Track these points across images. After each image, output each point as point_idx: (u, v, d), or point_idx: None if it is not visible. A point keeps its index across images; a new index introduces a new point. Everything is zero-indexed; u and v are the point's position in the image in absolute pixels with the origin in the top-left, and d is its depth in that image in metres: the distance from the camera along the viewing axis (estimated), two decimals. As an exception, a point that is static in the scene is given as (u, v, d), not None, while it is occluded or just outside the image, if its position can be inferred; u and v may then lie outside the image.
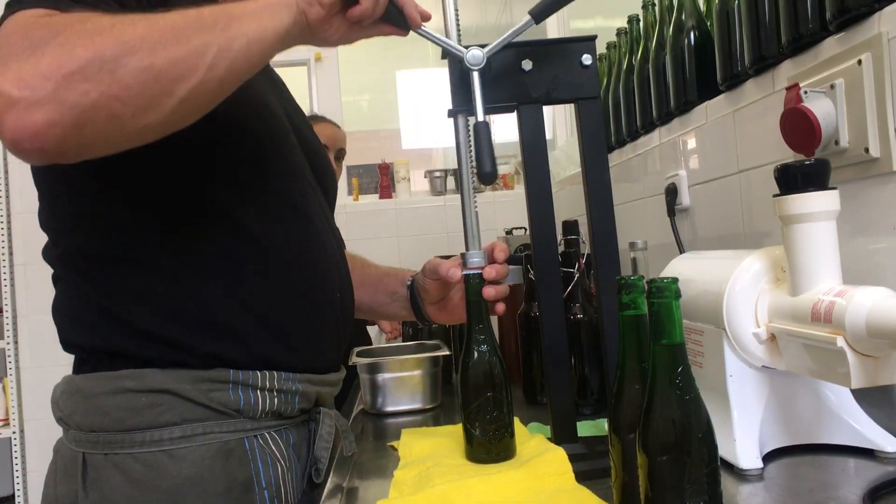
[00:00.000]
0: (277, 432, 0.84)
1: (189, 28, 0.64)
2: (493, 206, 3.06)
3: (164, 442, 0.76)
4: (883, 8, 0.79)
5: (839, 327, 0.58)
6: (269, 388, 0.82)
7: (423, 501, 0.69)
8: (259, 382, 0.81)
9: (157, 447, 0.76)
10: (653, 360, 0.51)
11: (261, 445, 0.81)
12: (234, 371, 0.79)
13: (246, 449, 0.80)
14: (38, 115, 0.59)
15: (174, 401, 0.77)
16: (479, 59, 0.78)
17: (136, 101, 0.62)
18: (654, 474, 0.50)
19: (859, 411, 0.73)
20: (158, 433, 0.76)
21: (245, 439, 0.80)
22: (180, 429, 0.77)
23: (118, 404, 0.77)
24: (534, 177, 0.82)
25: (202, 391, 0.78)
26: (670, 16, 1.30)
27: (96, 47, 0.60)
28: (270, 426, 0.83)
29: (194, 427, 0.77)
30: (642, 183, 1.57)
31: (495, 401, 0.77)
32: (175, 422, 0.77)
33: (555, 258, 0.82)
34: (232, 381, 0.79)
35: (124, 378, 0.77)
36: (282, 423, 0.85)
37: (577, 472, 0.71)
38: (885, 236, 0.81)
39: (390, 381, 1.15)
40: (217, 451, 0.78)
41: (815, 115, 0.84)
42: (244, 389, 0.80)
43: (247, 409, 0.80)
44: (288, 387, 0.83)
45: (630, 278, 0.57)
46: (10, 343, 2.70)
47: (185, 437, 0.77)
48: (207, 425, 0.78)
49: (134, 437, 0.76)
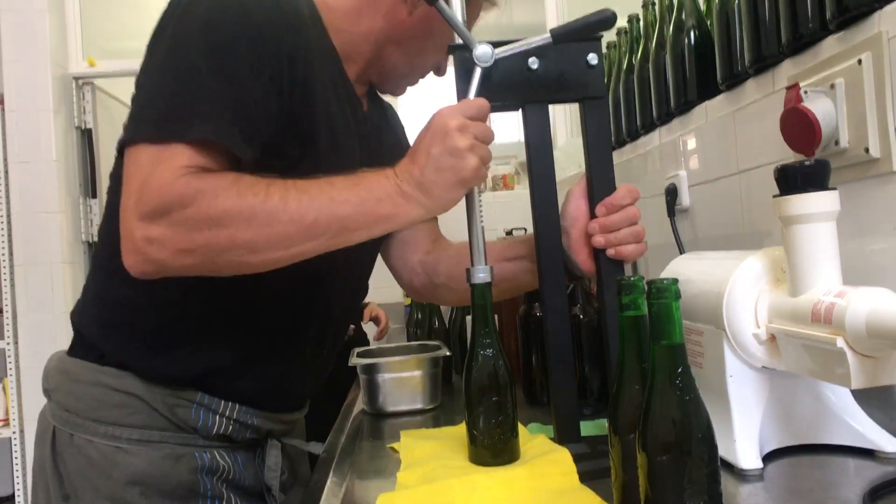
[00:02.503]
0: (226, 451, 0.92)
1: (331, 231, 0.72)
2: (493, 207, 3.06)
3: (121, 440, 0.85)
4: (883, 7, 0.79)
5: (839, 328, 0.58)
6: (228, 416, 0.90)
7: (426, 494, 0.69)
8: (221, 409, 0.89)
9: (115, 443, 0.84)
10: (653, 361, 0.51)
11: (210, 458, 0.89)
12: (201, 394, 0.88)
13: (195, 457, 0.88)
14: (150, 267, 0.71)
15: (142, 406, 0.85)
16: (488, 57, 0.77)
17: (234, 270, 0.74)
18: (653, 474, 0.50)
19: (859, 411, 0.73)
20: (119, 431, 0.85)
21: (195, 452, 0.88)
22: (139, 432, 0.85)
23: (94, 395, 0.85)
24: (539, 177, 0.82)
25: (168, 405, 0.86)
26: (670, 15, 1.30)
27: (210, 236, 0.69)
28: (220, 446, 0.91)
29: (152, 434, 0.86)
30: (642, 183, 1.57)
31: (500, 405, 0.77)
32: (136, 425, 0.85)
33: (559, 259, 0.82)
34: (197, 402, 0.88)
35: (106, 374, 0.86)
36: (231, 445, 0.93)
37: (581, 471, 0.71)
38: (886, 237, 0.81)
39: (390, 382, 1.15)
40: (168, 454, 0.86)
41: (815, 115, 0.84)
42: (206, 412, 0.88)
43: (203, 429, 0.88)
44: (245, 419, 0.92)
45: (630, 279, 0.57)
46: (11, 343, 2.70)
47: (142, 441, 0.85)
48: (164, 435, 0.86)
49: (98, 427, 0.85)
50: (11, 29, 2.67)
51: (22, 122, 2.67)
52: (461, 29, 0.78)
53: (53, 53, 2.70)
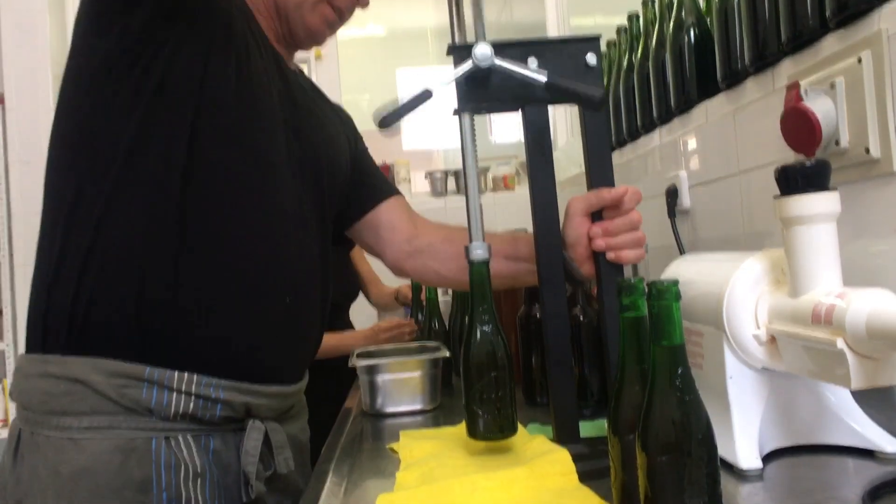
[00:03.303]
0: (195, 436, 0.81)
1: None
2: (494, 207, 3.06)
3: (73, 430, 0.77)
4: (883, 5, 0.79)
5: (839, 329, 0.58)
6: (186, 391, 0.79)
7: (426, 494, 0.69)
8: (175, 384, 0.78)
9: (67, 434, 0.77)
10: (653, 362, 0.51)
11: (168, 447, 0.79)
12: (150, 369, 0.78)
13: (150, 449, 0.78)
14: None
15: (86, 391, 0.78)
16: (487, 57, 0.77)
17: None
18: (653, 475, 0.50)
19: (859, 412, 0.72)
20: (69, 420, 0.78)
21: (153, 439, 0.78)
22: (88, 419, 0.77)
23: (42, 387, 0.79)
24: (538, 178, 0.82)
25: (114, 386, 0.77)
26: (670, 13, 1.30)
27: None
28: (187, 429, 0.80)
29: (101, 420, 0.77)
30: (642, 184, 1.57)
31: (499, 380, 0.77)
32: (84, 411, 0.78)
33: (559, 260, 0.82)
34: (147, 379, 0.78)
35: (49, 363, 0.80)
36: (201, 427, 0.82)
37: (580, 472, 0.71)
38: (886, 238, 0.81)
39: (390, 383, 1.15)
40: (118, 446, 0.77)
41: (816, 115, 0.84)
42: (159, 389, 0.78)
43: (158, 410, 0.78)
44: (208, 393, 0.80)
45: (630, 281, 0.57)
46: (10, 344, 2.70)
47: (91, 428, 0.77)
48: (115, 419, 0.78)
49: (50, 420, 0.78)
50: (11, 29, 2.67)
51: (22, 122, 2.67)
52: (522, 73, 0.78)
53: (53, 53, 2.70)
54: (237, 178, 0.84)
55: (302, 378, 0.97)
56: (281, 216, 0.87)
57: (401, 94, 0.78)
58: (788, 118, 0.87)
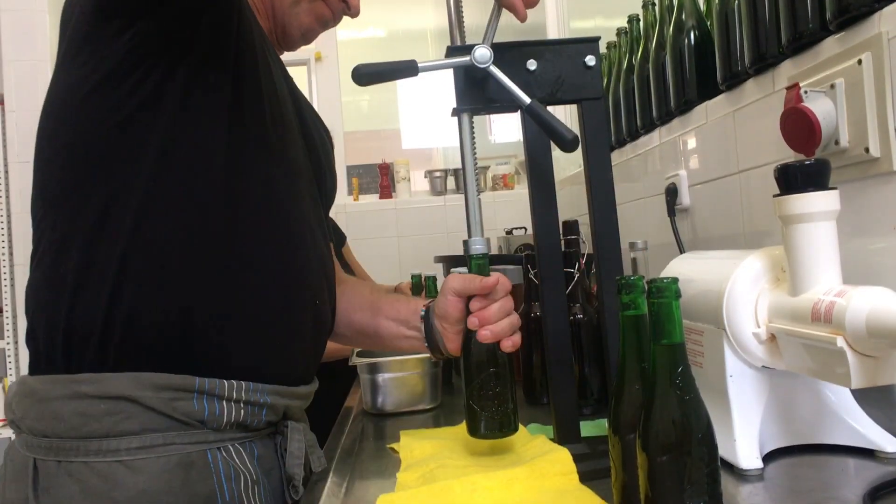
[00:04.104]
0: (242, 444, 0.80)
1: None
2: (494, 207, 3.06)
3: (121, 452, 0.73)
4: (883, 7, 0.79)
5: (839, 327, 0.58)
6: (237, 399, 0.78)
7: (426, 495, 0.69)
8: (226, 393, 0.77)
9: (114, 457, 0.72)
10: (653, 360, 0.51)
11: (224, 458, 0.77)
12: (199, 379, 0.76)
13: (209, 461, 0.76)
14: None
15: (134, 409, 0.73)
16: (486, 59, 0.78)
17: None
18: (654, 474, 0.50)
19: (859, 411, 0.73)
20: (116, 442, 0.72)
21: (207, 451, 0.76)
22: (139, 439, 0.73)
23: (74, 410, 0.73)
24: (537, 177, 0.82)
25: (164, 400, 0.74)
26: (670, 15, 1.30)
27: None
28: (235, 438, 0.79)
29: (154, 437, 0.74)
30: (642, 183, 1.57)
31: (498, 377, 0.77)
32: (134, 431, 0.73)
33: (558, 259, 0.82)
34: (197, 391, 0.75)
35: (82, 382, 0.73)
36: (247, 435, 0.81)
37: (581, 471, 0.71)
38: (886, 236, 0.81)
39: (390, 382, 1.15)
40: (177, 463, 0.74)
41: (816, 115, 0.84)
42: (209, 399, 0.76)
43: (211, 420, 0.76)
44: (256, 398, 0.80)
45: (630, 278, 0.57)
46: (10, 343, 2.70)
47: (143, 448, 0.73)
48: (168, 436, 0.74)
49: (89, 445, 0.72)
50: (11, 29, 2.67)
51: (22, 122, 2.67)
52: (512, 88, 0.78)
53: (53, 54, 2.70)
54: (271, 187, 0.83)
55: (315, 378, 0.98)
56: (305, 222, 0.88)
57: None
58: (788, 118, 0.88)
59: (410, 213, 3.09)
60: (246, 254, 0.79)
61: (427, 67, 0.79)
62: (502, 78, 0.78)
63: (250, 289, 0.80)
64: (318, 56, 3.19)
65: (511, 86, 0.78)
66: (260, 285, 0.80)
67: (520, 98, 0.77)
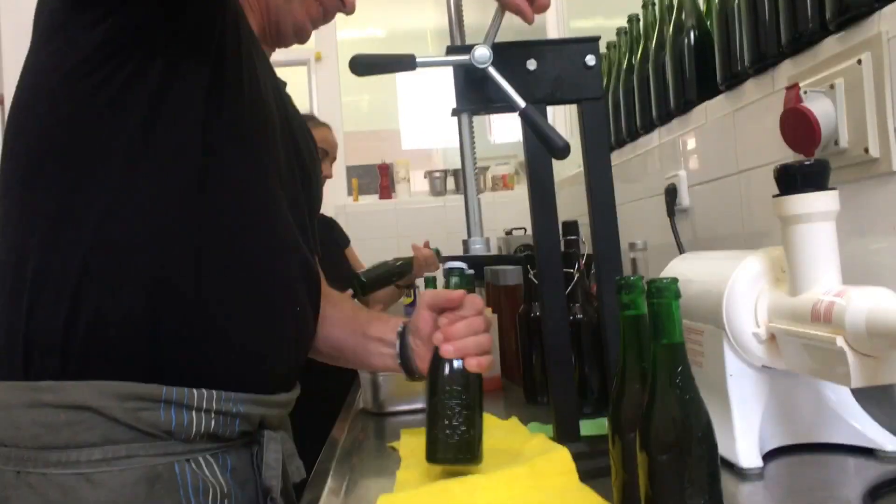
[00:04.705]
0: (213, 455, 0.76)
1: None
2: (494, 207, 3.06)
3: (81, 464, 0.69)
4: (882, 7, 0.80)
5: (839, 327, 0.58)
6: (206, 409, 0.73)
7: (426, 495, 0.69)
8: (195, 402, 0.72)
9: (74, 469, 0.68)
10: (653, 360, 0.51)
11: (193, 470, 0.73)
12: (167, 388, 0.71)
13: (175, 474, 0.72)
14: None
15: (95, 419, 0.69)
16: (486, 59, 0.78)
17: None
18: (654, 474, 0.50)
19: (859, 410, 0.73)
20: (76, 454, 0.68)
21: (175, 464, 0.72)
22: (101, 450, 0.69)
23: (34, 419, 0.69)
24: (537, 178, 0.82)
25: (128, 410, 0.69)
26: (670, 15, 1.30)
27: None
28: (206, 449, 0.75)
29: (117, 449, 0.69)
30: (642, 183, 1.57)
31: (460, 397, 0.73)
32: (95, 442, 0.69)
33: (558, 259, 0.82)
34: (164, 400, 0.71)
35: (42, 391, 0.69)
36: (219, 445, 0.76)
37: (581, 471, 0.71)
38: (885, 236, 0.82)
39: (391, 380, 1.15)
40: (141, 476, 0.70)
41: (815, 115, 0.84)
42: (177, 409, 0.71)
43: (179, 431, 0.72)
44: (228, 408, 0.75)
45: (630, 278, 0.57)
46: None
47: (105, 460, 0.69)
48: (132, 447, 0.70)
49: (49, 456, 0.68)
50: (11, 29, 2.67)
51: (22, 123, 2.67)
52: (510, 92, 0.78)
53: (53, 54, 2.70)
54: (249, 188, 0.80)
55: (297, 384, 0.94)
56: (287, 225, 0.84)
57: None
58: (788, 118, 0.88)
59: (410, 213, 3.09)
60: (219, 257, 0.75)
61: (425, 63, 0.79)
62: (499, 80, 0.78)
63: (223, 293, 0.75)
64: (318, 56, 3.19)
65: (507, 89, 0.78)
66: (234, 290, 0.76)
67: (515, 101, 0.77)
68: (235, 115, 0.78)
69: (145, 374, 0.71)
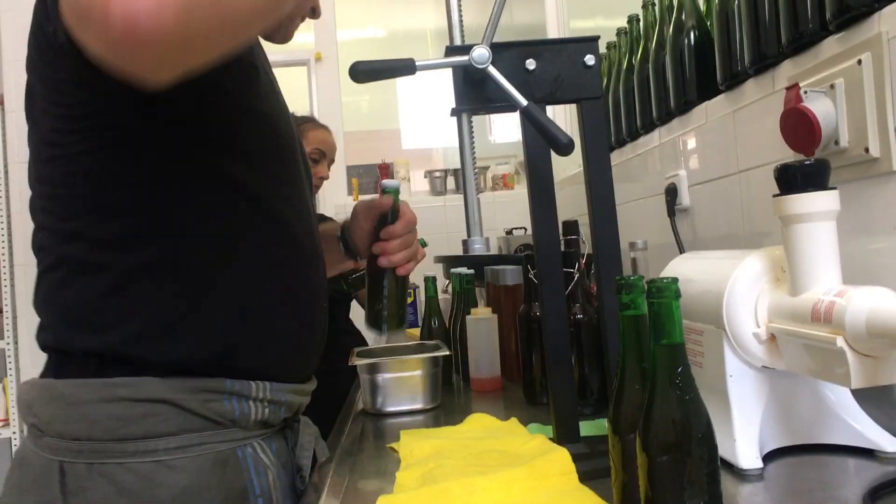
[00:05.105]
0: (264, 440, 0.85)
1: None
2: (493, 207, 3.06)
3: (158, 452, 0.75)
4: (883, 8, 0.80)
5: (839, 327, 0.58)
6: (262, 399, 0.82)
7: (426, 497, 0.69)
8: (252, 393, 0.81)
9: (152, 457, 0.75)
10: (653, 360, 0.51)
11: (252, 454, 0.82)
12: (230, 381, 0.79)
13: (239, 458, 0.80)
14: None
15: (171, 411, 0.76)
16: (485, 59, 0.78)
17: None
18: (654, 474, 0.50)
19: (859, 411, 0.73)
20: (154, 443, 0.75)
21: (238, 449, 0.80)
22: (177, 439, 0.76)
23: (110, 413, 0.74)
24: (537, 177, 0.82)
25: (200, 401, 0.77)
26: (670, 16, 1.30)
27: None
28: (258, 435, 0.84)
29: (191, 437, 0.77)
30: (642, 183, 1.57)
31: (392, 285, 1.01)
32: (171, 432, 0.76)
33: (557, 259, 0.82)
34: (227, 392, 0.79)
35: (117, 386, 0.75)
36: (266, 431, 0.86)
37: (580, 471, 0.71)
38: (885, 236, 0.81)
39: (390, 381, 1.15)
40: (213, 460, 0.78)
41: (815, 115, 0.84)
42: (239, 400, 0.80)
43: (241, 419, 0.80)
44: (277, 397, 0.84)
45: (630, 278, 0.57)
46: (10, 343, 2.70)
47: (181, 448, 0.76)
48: (203, 435, 0.78)
49: (126, 446, 0.74)
50: (11, 29, 2.67)
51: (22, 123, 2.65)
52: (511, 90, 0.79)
53: (53, 53, 2.70)
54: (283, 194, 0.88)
55: None
56: (315, 231, 0.95)
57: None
58: (788, 118, 0.88)
59: (410, 213, 3.08)
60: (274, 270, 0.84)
61: (425, 66, 0.79)
62: (500, 79, 0.78)
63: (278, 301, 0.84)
64: (318, 56, 3.19)
65: (508, 87, 0.78)
66: (286, 297, 0.85)
67: (517, 100, 0.77)
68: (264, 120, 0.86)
69: (212, 370, 0.79)
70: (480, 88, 0.80)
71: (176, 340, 0.77)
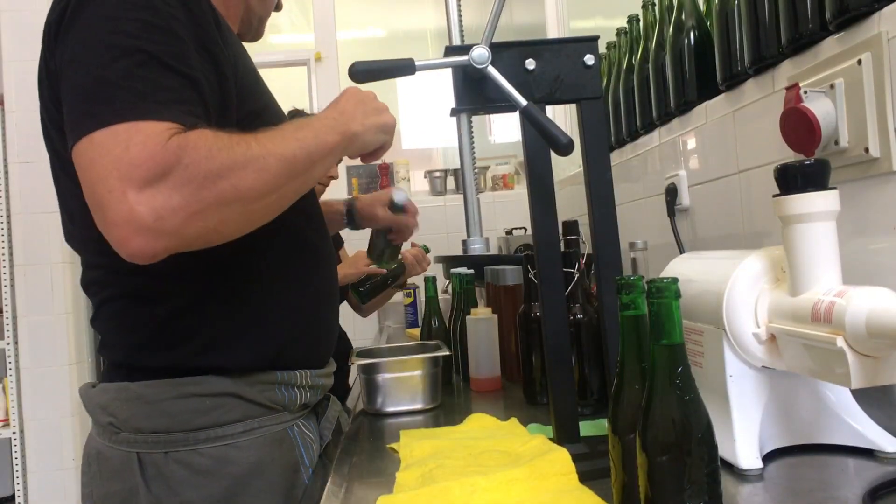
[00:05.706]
0: (305, 419, 0.99)
1: (304, 165, 0.78)
2: (493, 207, 3.06)
3: (227, 437, 0.88)
4: (882, 8, 0.79)
5: (839, 327, 0.58)
6: (304, 385, 0.96)
7: (426, 497, 0.69)
8: (297, 381, 0.95)
9: (222, 442, 0.87)
10: (653, 360, 0.51)
11: (299, 432, 0.96)
12: (280, 373, 0.92)
13: (289, 436, 0.94)
14: (161, 242, 0.69)
15: (235, 402, 0.88)
16: (484, 59, 0.78)
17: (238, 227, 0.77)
18: (653, 474, 0.50)
19: (859, 411, 0.73)
20: (222, 430, 0.87)
21: (288, 429, 0.94)
22: (242, 424, 0.89)
23: (184, 408, 0.86)
24: (537, 177, 0.82)
25: (257, 392, 0.90)
26: (670, 16, 1.30)
27: (218, 190, 0.71)
28: (300, 416, 0.98)
29: (252, 423, 0.90)
30: (642, 183, 1.57)
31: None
32: (237, 419, 0.88)
33: (557, 259, 0.82)
34: (278, 382, 0.92)
35: (187, 384, 0.86)
36: (305, 412, 1.00)
37: (580, 471, 0.71)
38: (885, 236, 0.81)
39: (390, 382, 1.15)
40: (272, 440, 0.91)
41: (815, 115, 0.84)
42: (287, 388, 0.94)
43: (289, 404, 0.94)
44: (316, 382, 0.99)
45: (630, 278, 0.57)
46: (10, 343, 2.70)
47: (245, 432, 0.89)
48: (262, 420, 0.91)
49: (198, 434, 0.86)
50: (11, 29, 2.67)
51: (22, 123, 2.67)
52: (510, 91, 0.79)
53: (53, 54, 2.70)
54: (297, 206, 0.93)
55: None
56: (320, 222, 1.05)
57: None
58: (788, 118, 0.88)
59: (410, 213, 3.08)
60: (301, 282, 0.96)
61: (424, 66, 0.79)
62: (499, 79, 0.78)
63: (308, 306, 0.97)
64: (318, 56, 3.19)
65: (508, 87, 0.78)
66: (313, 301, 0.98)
67: (516, 100, 0.77)
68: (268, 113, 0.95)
69: (266, 364, 0.91)
70: (480, 88, 0.80)
71: (234, 350, 0.88)
